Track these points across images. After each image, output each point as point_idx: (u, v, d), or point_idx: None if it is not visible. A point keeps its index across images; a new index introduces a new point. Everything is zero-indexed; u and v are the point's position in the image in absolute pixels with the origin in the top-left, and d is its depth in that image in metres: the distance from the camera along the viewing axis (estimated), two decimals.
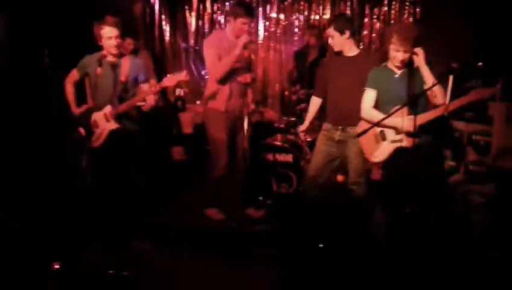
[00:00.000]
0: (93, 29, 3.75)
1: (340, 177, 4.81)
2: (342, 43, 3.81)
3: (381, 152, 3.62)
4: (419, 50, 3.41)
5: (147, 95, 3.83)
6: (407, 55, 3.43)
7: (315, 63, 5.52)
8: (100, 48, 3.80)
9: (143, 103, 3.89)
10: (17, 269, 3.36)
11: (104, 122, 3.83)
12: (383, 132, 3.61)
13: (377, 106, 3.66)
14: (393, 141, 3.56)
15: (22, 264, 3.42)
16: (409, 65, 3.49)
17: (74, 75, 3.95)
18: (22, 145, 4.83)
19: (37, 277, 3.31)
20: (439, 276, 3.41)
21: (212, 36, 4.29)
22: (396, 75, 3.55)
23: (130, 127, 3.92)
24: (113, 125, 3.83)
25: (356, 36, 3.97)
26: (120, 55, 3.86)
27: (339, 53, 3.88)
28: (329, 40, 3.87)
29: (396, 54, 3.45)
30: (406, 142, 3.46)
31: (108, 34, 3.69)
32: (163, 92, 5.62)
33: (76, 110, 3.95)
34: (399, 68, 3.54)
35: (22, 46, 5.11)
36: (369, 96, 3.67)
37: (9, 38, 5.15)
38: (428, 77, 3.40)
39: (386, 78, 3.58)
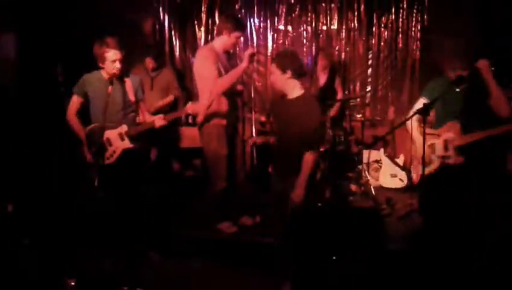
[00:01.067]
0: (94, 50, 3.75)
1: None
2: (282, 82, 3.41)
3: (428, 165, 3.48)
4: (483, 62, 3.25)
5: (161, 122, 3.86)
6: (464, 72, 3.28)
7: (327, 85, 5.64)
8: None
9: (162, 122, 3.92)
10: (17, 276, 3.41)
11: (119, 141, 3.87)
12: (433, 145, 3.49)
13: (435, 118, 3.52)
14: (440, 157, 3.45)
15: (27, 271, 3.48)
16: (473, 78, 3.32)
17: (75, 101, 3.92)
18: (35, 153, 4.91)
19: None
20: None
21: (207, 51, 4.24)
22: (458, 89, 3.39)
23: (141, 145, 3.97)
24: (127, 144, 3.87)
25: (303, 78, 3.49)
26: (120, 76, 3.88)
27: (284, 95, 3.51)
28: (271, 77, 3.51)
29: (451, 72, 3.33)
30: (453, 160, 3.33)
31: (113, 57, 3.71)
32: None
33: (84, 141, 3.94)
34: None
35: (33, 64, 5.20)
36: (418, 106, 3.55)
37: (20, 57, 5.25)
38: (495, 91, 3.23)
39: (446, 91, 3.40)
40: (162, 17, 6.62)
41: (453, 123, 3.35)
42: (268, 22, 6.50)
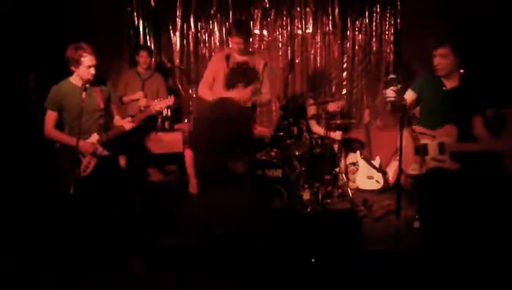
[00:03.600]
0: (67, 54, 3.69)
1: None
2: None
3: (419, 166, 3.48)
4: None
5: (130, 126, 3.81)
6: (443, 61, 3.34)
7: None
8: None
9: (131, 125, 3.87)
10: None
11: (92, 150, 3.82)
12: (425, 146, 3.46)
13: (421, 116, 3.53)
14: (435, 159, 3.41)
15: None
16: (465, 81, 3.34)
17: (51, 115, 3.82)
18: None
19: None
20: None
21: (215, 55, 4.38)
22: (445, 88, 3.40)
23: (115, 152, 3.91)
24: (102, 152, 3.82)
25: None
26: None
27: None
28: None
29: (434, 60, 3.38)
30: (448, 165, 3.31)
31: (89, 62, 3.67)
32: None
33: (75, 144, 3.77)
34: (447, 79, 3.38)
35: (5, 70, 5.09)
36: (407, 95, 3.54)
37: None
38: None
39: (433, 89, 3.45)
40: (136, 22, 6.58)
41: (451, 127, 3.32)
42: None
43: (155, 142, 5.82)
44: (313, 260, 3.75)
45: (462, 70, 3.40)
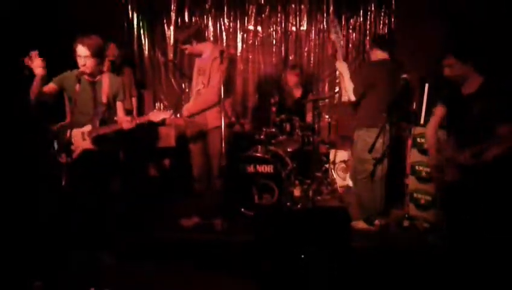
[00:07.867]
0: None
1: None
2: None
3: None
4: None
5: (128, 125, 3.78)
6: (452, 71, 3.23)
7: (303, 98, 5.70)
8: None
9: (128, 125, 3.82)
10: None
11: (80, 140, 3.79)
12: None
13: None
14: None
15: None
16: (485, 87, 3.20)
17: (50, 86, 3.78)
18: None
19: None
20: None
21: None
22: (461, 93, 3.27)
23: (106, 147, 3.85)
24: (88, 145, 3.79)
25: None
26: (98, 73, 3.83)
27: None
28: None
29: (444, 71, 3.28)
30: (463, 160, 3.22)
31: (79, 52, 3.65)
32: None
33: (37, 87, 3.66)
34: (464, 86, 3.25)
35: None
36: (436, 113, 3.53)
37: None
38: None
39: (452, 95, 3.36)
40: (130, 16, 6.56)
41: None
42: (238, 22, 6.52)
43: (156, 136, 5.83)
44: (302, 257, 3.77)
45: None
